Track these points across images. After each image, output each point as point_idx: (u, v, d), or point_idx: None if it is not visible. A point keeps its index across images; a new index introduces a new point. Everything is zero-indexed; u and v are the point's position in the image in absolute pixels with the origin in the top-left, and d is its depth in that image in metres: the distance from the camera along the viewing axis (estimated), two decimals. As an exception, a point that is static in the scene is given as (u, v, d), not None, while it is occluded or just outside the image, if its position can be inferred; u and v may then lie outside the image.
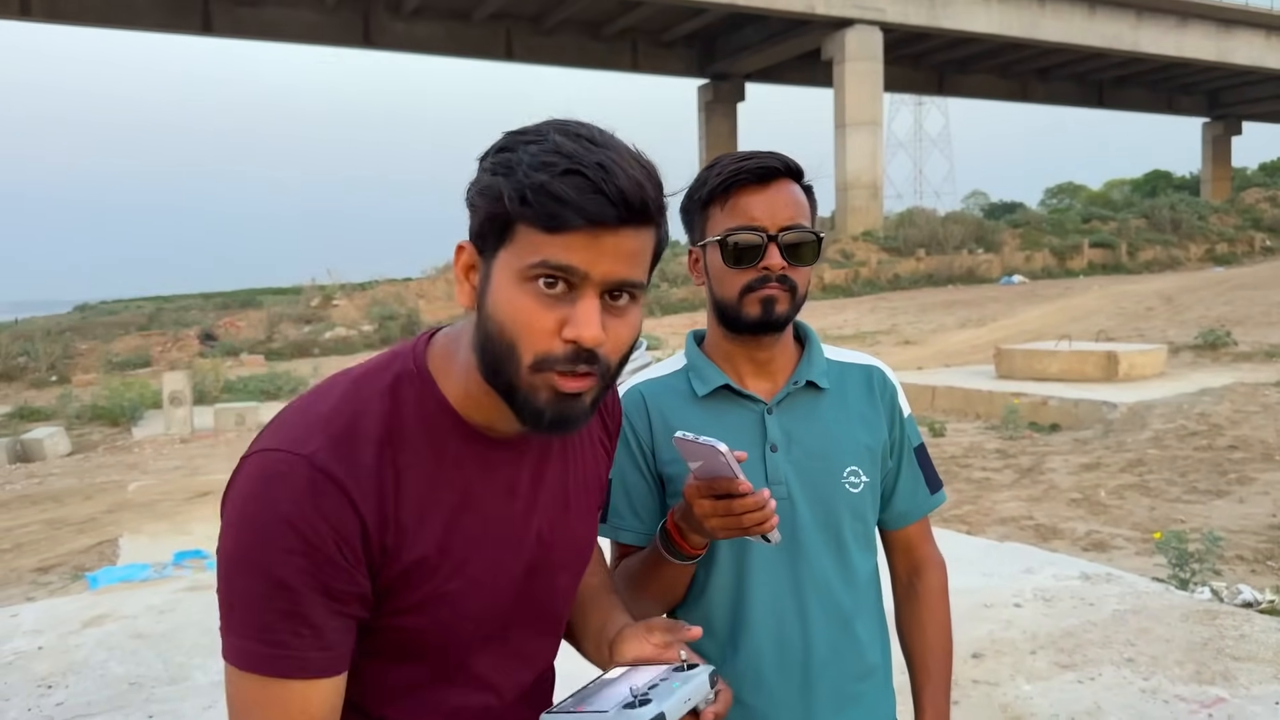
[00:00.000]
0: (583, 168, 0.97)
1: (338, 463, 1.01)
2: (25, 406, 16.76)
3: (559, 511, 1.21)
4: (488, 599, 1.13)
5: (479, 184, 1.02)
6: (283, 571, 0.98)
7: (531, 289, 0.99)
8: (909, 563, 1.62)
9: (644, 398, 1.52)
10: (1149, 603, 4.48)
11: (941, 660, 1.58)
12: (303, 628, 0.99)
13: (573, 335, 0.99)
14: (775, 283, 1.41)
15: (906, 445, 1.57)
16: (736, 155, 1.45)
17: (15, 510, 8.79)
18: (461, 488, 1.10)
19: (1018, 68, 50.08)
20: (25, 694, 4.00)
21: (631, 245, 1.01)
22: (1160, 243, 39.61)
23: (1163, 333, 17.25)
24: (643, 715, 1.04)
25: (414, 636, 1.09)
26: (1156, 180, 68.69)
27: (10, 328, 32.44)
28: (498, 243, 1.01)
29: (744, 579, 1.45)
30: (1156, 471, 8.27)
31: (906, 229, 37.85)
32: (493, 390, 1.06)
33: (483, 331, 1.04)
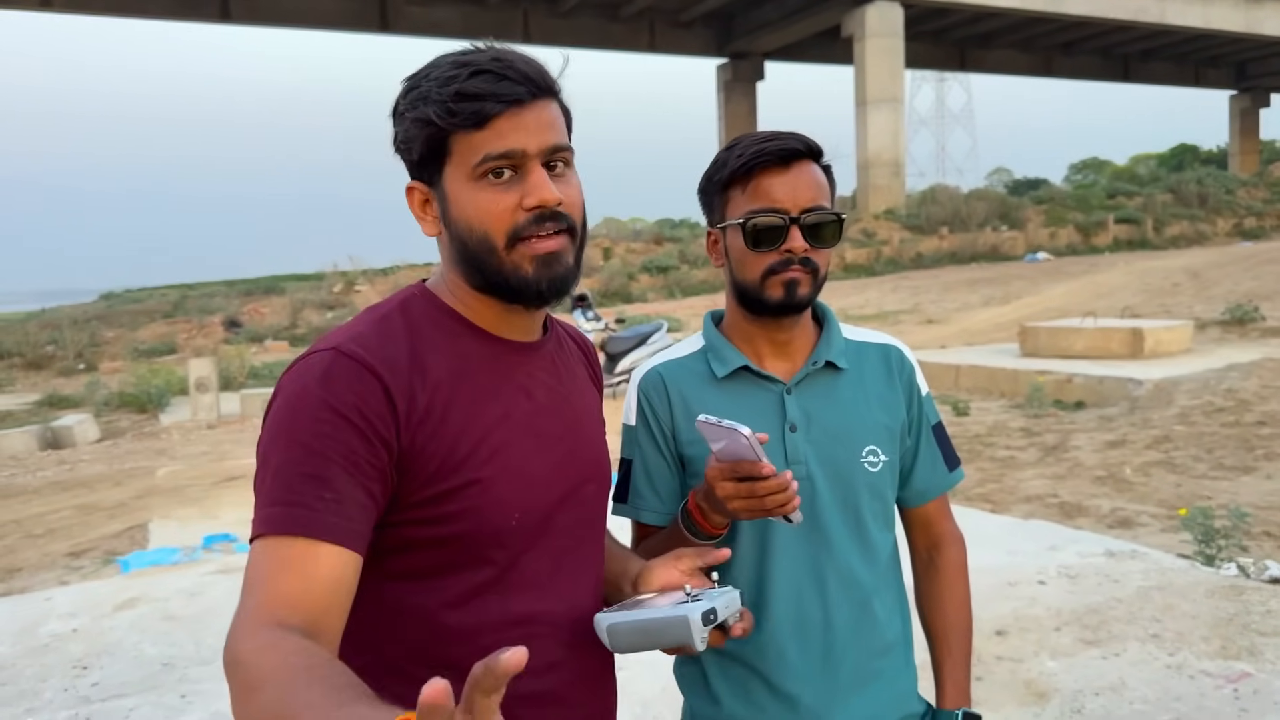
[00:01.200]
0: (483, 65, 1.12)
1: (362, 348, 1.11)
2: (54, 394, 16.96)
3: (573, 421, 1.28)
4: (524, 488, 1.18)
5: (403, 125, 1.16)
6: (308, 437, 1.05)
7: (484, 184, 1.13)
8: (928, 539, 1.63)
9: (663, 379, 1.53)
10: (1174, 579, 4.46)
11: (961, 635, 1.58)
12: (325, 490, 1.04)
13: (534, 201, 1.13)
14: (798, 265, 1.42)
15: (925, 424, 1.57)
16: (757, 136, 1.45)
17: (47, 496, 8.91)
18: (481, 381, 1.19)
19: (1041, 42, 49.47)
20: (61, 674, 4.07)
21: (547, 115, 1.15)
22: (1187, 218, 39.13)
23: (1189, 309, 17.07)
24: (696, 608, 1.13)
25: (463, 530, 1.13)
26: (1183, 154, 67.81)
27: (38, 316, 32.80)
28: (440, 163, 1.15)
29: (765, 558, 1.47)
30: (1183, 448, 8.21)
31: (929, 207, 37.57)
32: (485, 295, 1.19)
33: (458, 240, 1.17)
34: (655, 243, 34.39)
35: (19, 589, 5.98)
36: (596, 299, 21.86)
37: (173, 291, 36.34)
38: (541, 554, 1.21)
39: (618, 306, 25.40)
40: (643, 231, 39.18)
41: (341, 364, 1.09)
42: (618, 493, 1.56)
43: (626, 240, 35.22)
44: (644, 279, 30.39)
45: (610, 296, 27.80)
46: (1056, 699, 3.41)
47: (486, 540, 1.15)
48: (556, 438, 1.24)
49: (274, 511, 1.03)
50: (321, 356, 1.11)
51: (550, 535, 1.22)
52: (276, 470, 1.05)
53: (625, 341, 11.94)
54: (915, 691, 1.58)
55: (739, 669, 1.49)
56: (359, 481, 1.06)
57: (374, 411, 1.07)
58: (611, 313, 19.66)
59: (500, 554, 1.16)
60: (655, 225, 43.05)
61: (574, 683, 1.22)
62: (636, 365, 1.80)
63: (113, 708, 3.73)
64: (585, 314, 12.27)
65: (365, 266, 31.88)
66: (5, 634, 4.59)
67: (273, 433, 1.08)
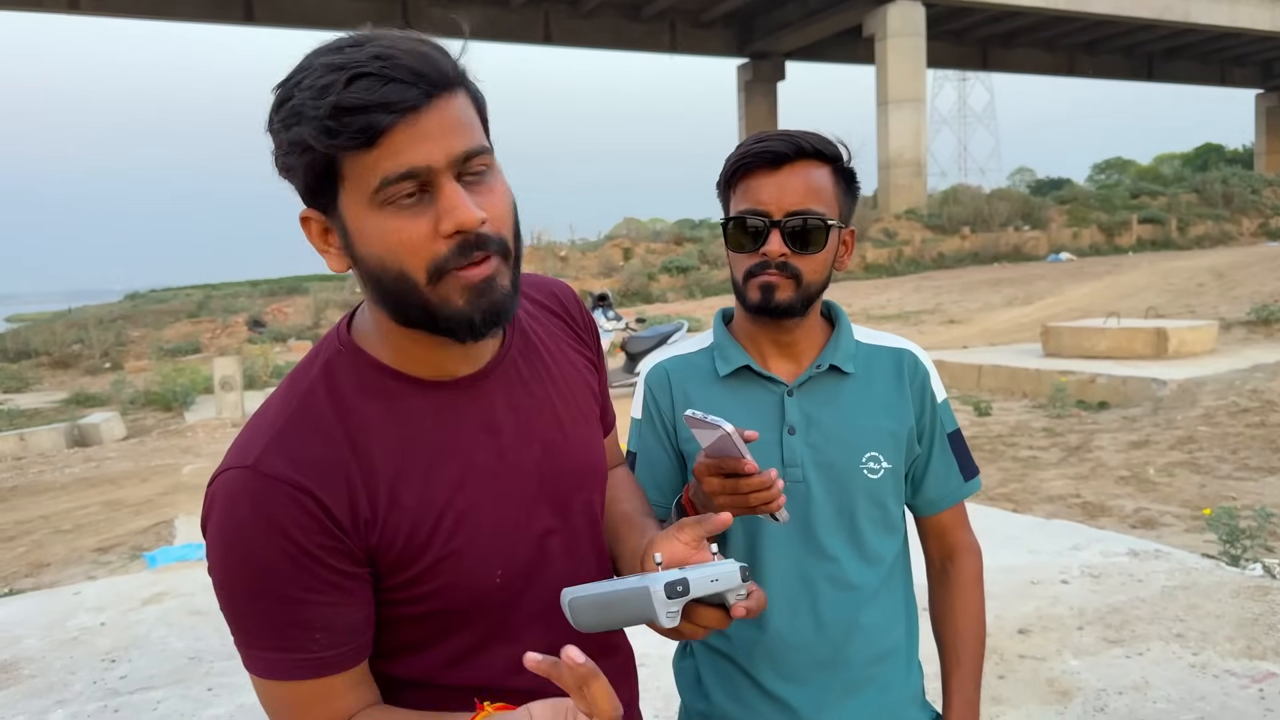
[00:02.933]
0: (363, 67, 0.91)
1: (285, 462, 0.99)
2: (80, 393, 17.13)
3: (554, 433, 1.17)
4: (500, 545, 1.09)
5: (281, 148, 0.96)
6: (273, 584, 0.97)
7: (389, 212, 0.95)
8: (942, 549, 1.61)
9: (668, 374, 1.54)
10: (1199, 579, 4.44)
11: (972, 648, 1.56)
12: (314, 631, 0.99)
13: (452, 226, 0.95)
14: (775, 269, 1.40)
15: (938, 431, 1.54)
16: (752, 137, 1.45)
17: (75, 493, 9.02)
18: (431, 443, 1.06)
19: (1064, 41, 49.14)
20: (90, 668, 4.12)
21: (451, 115, 0.96)
22: (1212, 217, 38.76)
23: (1214, 309, 16.92)
24: (660, 577, 1.02)
25: (443, 605, 1.07)
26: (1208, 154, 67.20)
27: (64, 316, 33.16)
28: (332, 189, 0.96)
29: (756, 559, 1.46)
30: (1207, 448, 8.15)
31: (951, 207, 37.36)
32: (413, 331, 1.03)
33: (370, 278, 1.00)
34: (675, 243, 34.36)
35: (48, 583, 6.07)
36: (617, 299, 21.88)
37: (197, 291, 36.66)
38: (540, 586, 1.14)
39: (638, 306, 25.42)
40: (663, 232, 39.14)
41: (267, 490, 0.97)
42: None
43: (647, 240, 35.19)
44: (664, 279, 30.38)
45: (630, 296, 27.81)
46: (1079, 698, 3.40)
47: (471, 606, 1.09)
48: (534, 466, 1.14)
49: (271, 657, 1.00)
50: (241, 480, 0.98)
51: (547, 566, 1.15)
52: (252, 616, 0.99)
53: (645, 341, 11.95)
54: (917, 700, 1.56)
55: (729, 667, 1.49)
56: (337, 603, 1.00)
57: (325, 535, 0.98)
58: (632, 312, 19.70)
59: (492, 610, 1.11)
60: (675, 226, 43.00)
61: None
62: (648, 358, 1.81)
63: (141, 700, 3.78)
64: (606, 313, 12.28)
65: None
66: (35, 627, 4.65)
67: (228, 575, 0.99)
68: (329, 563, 0.99)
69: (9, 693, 3.91)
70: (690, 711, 1.55)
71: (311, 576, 0.98)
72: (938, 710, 1.57)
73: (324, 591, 0.99)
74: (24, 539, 7.44)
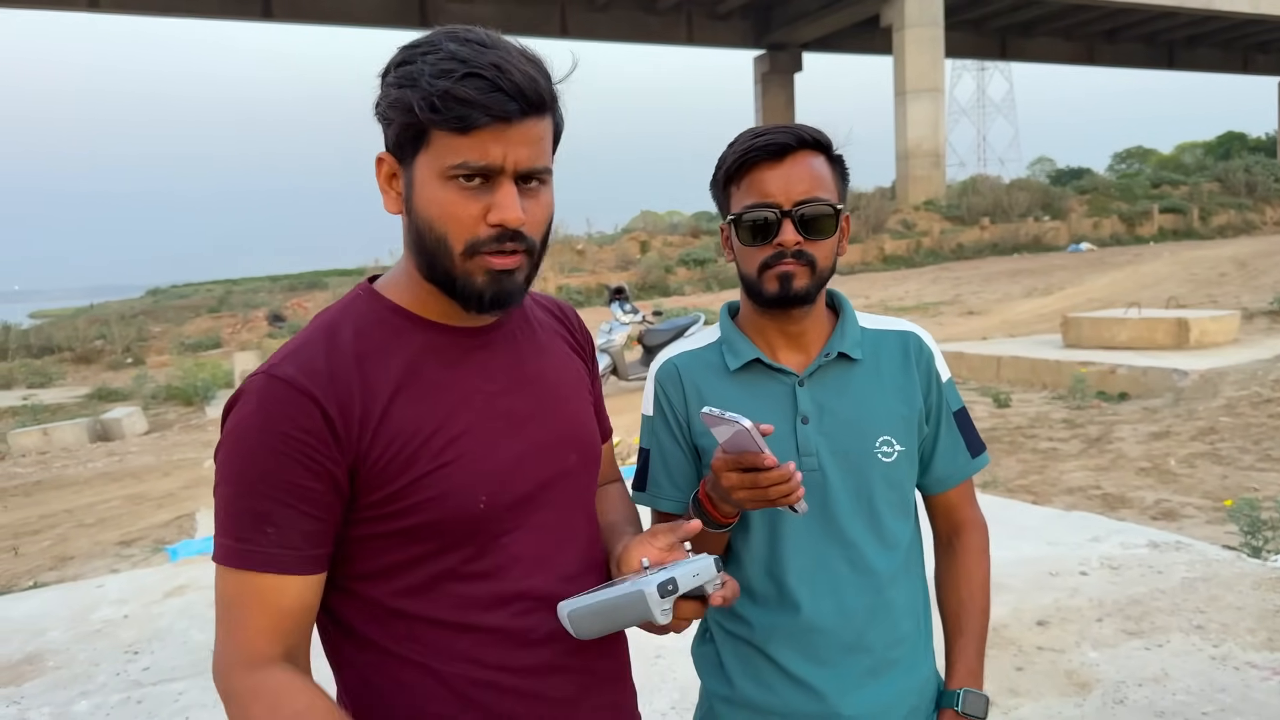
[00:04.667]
0: (480, 70, 1.07)
1: (295, 368, 1.12)
2: (103, 387, 17.27)
3: (544, 397, 1.28)
4: (489, 472, 1.19)
5: (387, 98, 1.12)
6: (250, 473, 1.09)
7: (454, 185, 1.11)
8: (950, 525, 1.63)
9: (679, 370, 1.55)
10: (1220, 570, 4.41)
11: (976, 616, 1.58)
12: (266, 526, 1.09)
13: (498, 219, 1.11)
14: (791, 258, 1.42)
15: (945, 410, 1.56)
16: (752, 131, 1.47)
17: (98, 487, 9.10)
18: (432, 373, 1.19)
19: (1084, 30, 48.73)
20: (113, 659, 4.17)
21: (534, 133, 1.12)
22: (1234, 206, 38.40)
23: (1236, 299, 16.77)
24: (652, 579, 1.11)
25: (427, 519, 1.15)
26: (1230, 142, 66.51)
27: (86, 312, 33.44)
28: (415, 149, 1.12)
29: (777, 547, 1.48)
30: (1229, 439, 8.08)
31: (970, 197, 37.16)
32: (435, 286, 1.18)
33: (415, 231, 1.16)
34: (692, 236, 34.32)
35: (71, 576, 6.13)
36: (634, 292, 21.87)
37: (217, 287, 36.89)
38: (528, 533, 1.22)
39: (655, 299, 25.41)
40: (680, 225, 39.10)
41: (274, 390, 1.10)
42: (637, 481, 1.59)
43: (663, 233, 35.17)
44: (681, 272, 30.35)
45: (647, 289, 27.80)
46: (1098, 689, 3.39)
47: (454, 526, 1.16)
48: (526, 417, 1.24)
49: (228, 544, 1.10)
50: (255, 382, 1.12)
51: (535, 513, 1.23)
52: (224, 501, 1.11)
53: (662, 334, 11.94)
54: (934, 680, 1.58)
55: (751, 652, 1.51)
56: (300, 510, 1.09)
57: (310, 433, 1.09)
58: (649, 305, 19.69)
59: (475, 537, 1.18)
60: (692, 218, 42.92)
61: (575, 651, 1.23)
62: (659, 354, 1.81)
63: (163, 691, 3.82)
64: (623, 306, 12.27)
65: (405, 261, 32.18)
66: (59, 619, 4.70)
67: (221, 463, 1.12)
68: (307, 464, 1.09)
69: (35, 684, 3.96)
70: (712, 696, 1.57)
71: (284, 472, 1.09)
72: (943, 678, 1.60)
73: (289, 491, 1.09)
74: (48, 532, 7.52)
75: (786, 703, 1.48)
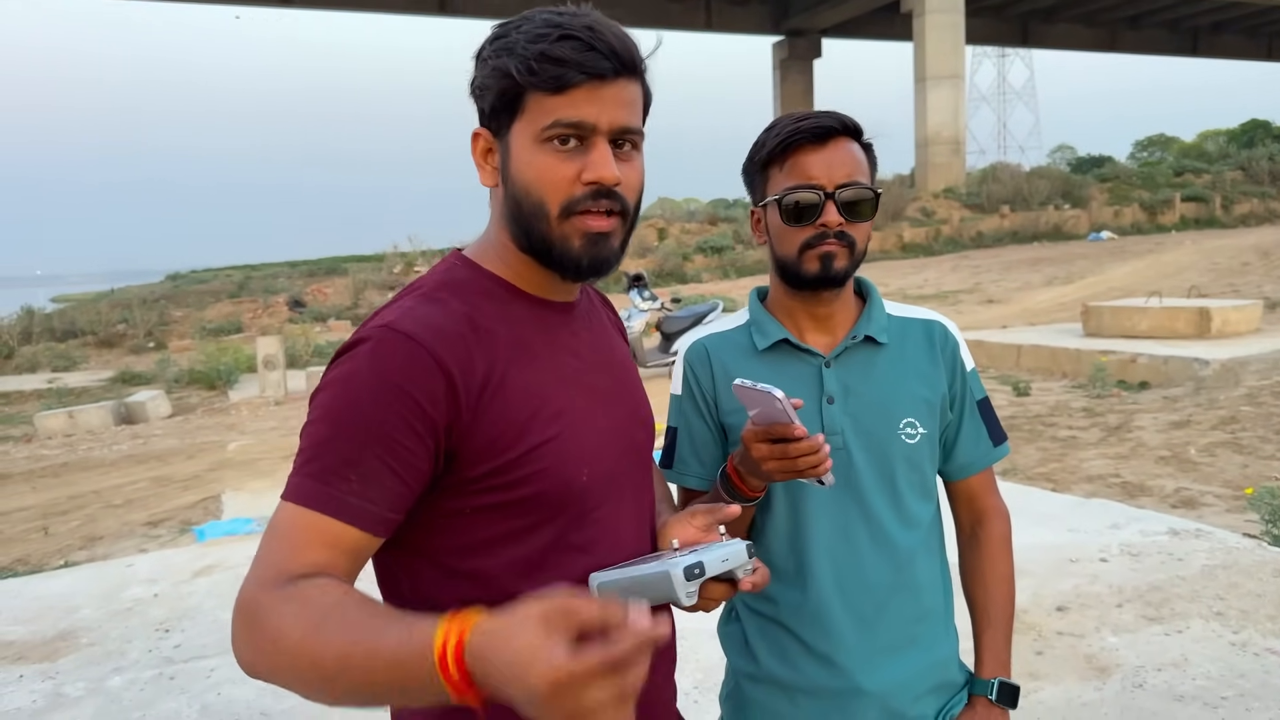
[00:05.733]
0: (575, 31, 1.10)
1: (414, 323, 1.10)
2: (126, 371, 17.46)
3: (618, 374, 1.32)
4: (589, 445, 1.20)
5: (484, 72, 1.14)
6: (351, 419, 1.06)
7: (549, 148, 1.12)
8: (972, 513, 1.66)
9: (707, 351, 1.59)
10: (1240, 558, 4.43)
11: (1002, 607, 1.61)
12: (351, 474, 1.05)
13: (593, 177, 1.12)
14: (833, 239, 1.46)
15: (968, 399, 1.60)
16: (794, 116, 1.50)
17: (124, 469, 9.22)
18: (535, 344, 1.19)
19: (1106, 16, 48.30)
20: (145, 636, 4.25)
21: (627, 95, 1.14)
22: (1257, 195, 38.04)
23: (1258, 288, 16.67)
24: (679, 562, 1.13)
25: (536, 491, 1.14)
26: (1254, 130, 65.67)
27: (107, 297, 33.68)
28: (511, 117, 1.14)
29: (800, 523, 1.51)
30: (1250, 429, 8.06)
31: (990, 185, 36.96)
32: (530, 257, 1.19)
33: (511, 199, 1.16)
34: (710, 223, 34.29)
35: (101, 556, 6.23)
36: (652, 279, 21.88)
37: (237, 272, 37.08)
38: (614, 507, 1.23)
39: (672, 287, 25.41)
40: (697, 212, 39.07)
41: (392, 343, 1.08)
42: (664, 459, 1.62)
43: (681, 221, 35.14)
44: (699, 259, 30.34)
45: (665, 277, 27.81)
46: (1118, 674, 3.42)
47: (559, 499, 1.16)
48: (608, 393, 1.26)
49: (304, 484, 1.06)
50: (374, 332, 1.10)
51: (619, 488, 1.24)
52: (314, 444, 1.07)
53: (681, 321, 11.95)
54: (955, 659, 1.61)
55: (776, 629, 1.54)
56: (391, 468, 1.06)
57: (424, 391, 1.07)
58: (667, 293, 19.69)
59: (573, 510, 1.18)
60: (710, 206, 42.90)
61: None
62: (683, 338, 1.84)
63: (195, 668, 3.90)
64: (641, 294, 12.30)
65: (424, 247, 32.23)
66: (90, 597, 4.79)
67: (319, 404, 1.09)
68: (413, 424, 1.07)
69: (69, 660, 4.04)
70: (738, 673, 1.61)
71: (388, 426, 1.06)
72: (970, 668, 1.63)
73: (387, 445, 1.06)
74: (77, 513, 7.63)
75: (810, 678, 1.52)
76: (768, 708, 1.55)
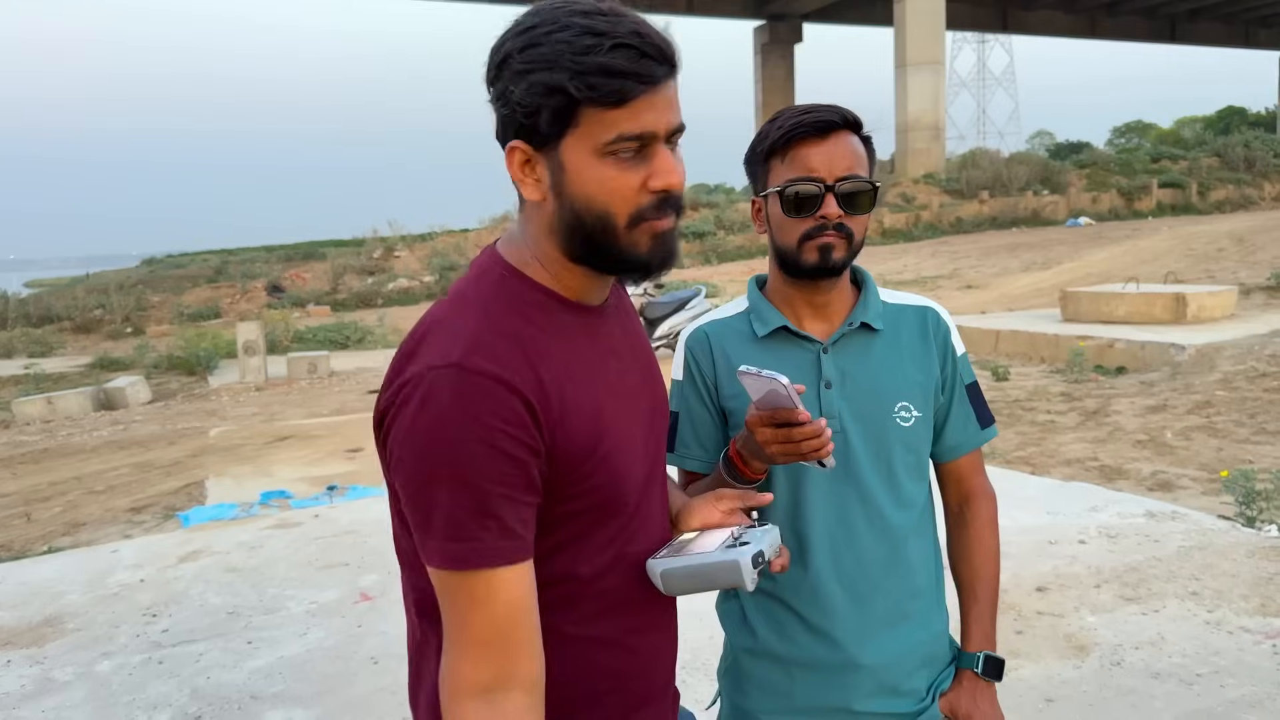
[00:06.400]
0: (624, 39, 1.07)
1: (488, 360, 1.10)
2: (104, 357, 17.34)
3: (646, 366, 1.34)
4: (633, 449, 1.24)
5: (523, 86, 1.09)
6: (463, 472, 1.07)
7: (610, 161, 1.10)
8: (960, 493, 1.71)
9: (708, 337, 1.64)
10: (1214, 539, 4.51)
11: (988, 584, 1.67)
12: (488, 520, 1.08)
13: (662, 185, 1.12)
14: (832, 230, 1.50)
15: (958, 382, 1.65)
16: (797, 109, 1.53)
17: (105, 455, 9.18)
18: (584, 354, 1.21)
19: (1085, 2, 48.50)
20: (132, 621, 4.26)
21: (674, 93, 1.13)
22: (1233, 182, 38.40)
23: (1234, 274, 16.86)
24: (745, 552, 1.21)
25: (601, 498, 1.20)
26: (1230, 117, 66.27)
27: (83, 281, 33.40)
28: (560, 131, 1.10)
29: (800, 504, 1.56)
30: (1225, 413, 8.19)
31: (969, 171, 37.13)
32: (581, 265, 1.18)
33: (569, 212, 1.14)
34: (691, 209, 34.30)
35: (85, 541, 6.22)
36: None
37: (214, 257, 36.81)
38: (654, 496, 1.29)
39: (654, 272, 25.43)
40: (679, 197, 39.02)
41: (475, 385, 1.07)
42: (666, 443, 1.66)
43: (663, 206, 35.10)
44: (681, 245, 30.35)
45: (647, 262, 27.81)
46: (1096, 652, 3.49)
47: (618, 500, 1.21)
48: (639, 391, 1.30)
49: (450, 548, 1.08)
50: (447, 375, 1.08)
51: (651, 480, 1.29)
52: (437, 505, 1.08)
53: (664, 307, 11.99)
54: (945, 635, 1.67)
55: (775, 605, 1.60)
56: (517, 500, 1.09)
57: (518, 428, 1.08)
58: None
59: (628, 507, 1.23)
60: (691, 191, 42.89)
61: (665, 606, 1.31)
62: (675, 330, 1.87)
63: (184, 652, 3.91)
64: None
65: (404, 232, 32.11)
66: (76, 583, 4.79)
67: (426, 466, 1.08)
68: (517, 455, 1.09)
69: (56, 645, 4.05)
70: (737, 648, 1.66)
71: (499, 465, 1.08)
72: (959, 643, 1.69)
73: (511, 483, 1.09)
74: (59, 499, 7.60)
75: (808, 652, 1.57)
76: (765, 681, 1.60)
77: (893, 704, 1.58)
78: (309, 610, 4.25)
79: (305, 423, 9.95)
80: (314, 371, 13.60)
